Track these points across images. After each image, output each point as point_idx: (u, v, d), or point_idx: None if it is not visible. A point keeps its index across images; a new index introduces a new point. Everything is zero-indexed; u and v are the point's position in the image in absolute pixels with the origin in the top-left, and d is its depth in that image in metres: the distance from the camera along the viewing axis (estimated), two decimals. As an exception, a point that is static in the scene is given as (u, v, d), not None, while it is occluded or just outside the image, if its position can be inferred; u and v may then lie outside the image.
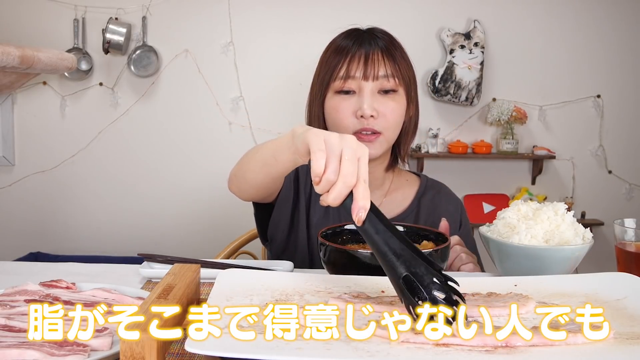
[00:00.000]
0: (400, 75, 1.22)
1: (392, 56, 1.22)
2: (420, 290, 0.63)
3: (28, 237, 3.20)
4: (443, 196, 1.36)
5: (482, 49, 3.17)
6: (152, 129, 3.21)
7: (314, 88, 1.27)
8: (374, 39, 1.23)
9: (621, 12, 3.28)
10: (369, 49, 1.20)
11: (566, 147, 3.34)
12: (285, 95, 3.14)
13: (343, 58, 1.21)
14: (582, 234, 0.93)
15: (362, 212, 0.66)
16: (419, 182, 1.37)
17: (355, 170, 0.68)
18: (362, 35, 1.24)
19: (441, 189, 1.38)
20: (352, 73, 1.19)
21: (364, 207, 0.66)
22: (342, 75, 1.20)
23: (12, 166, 3.19)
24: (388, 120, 1.21)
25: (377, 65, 1.20)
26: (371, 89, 1.20)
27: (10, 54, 2.21)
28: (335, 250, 0.87)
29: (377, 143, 1.21)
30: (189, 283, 0.68)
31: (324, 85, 1.23)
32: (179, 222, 3.22)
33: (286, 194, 1.25)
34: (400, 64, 1.22)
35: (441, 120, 3.26)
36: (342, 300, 0.70)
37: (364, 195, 0.67)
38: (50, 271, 1.02)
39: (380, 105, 1.20)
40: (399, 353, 0.56)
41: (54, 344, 0.65)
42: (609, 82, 3.32)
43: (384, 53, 1.21)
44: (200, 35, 3.16)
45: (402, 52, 1.25)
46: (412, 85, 1.26)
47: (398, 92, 1.22)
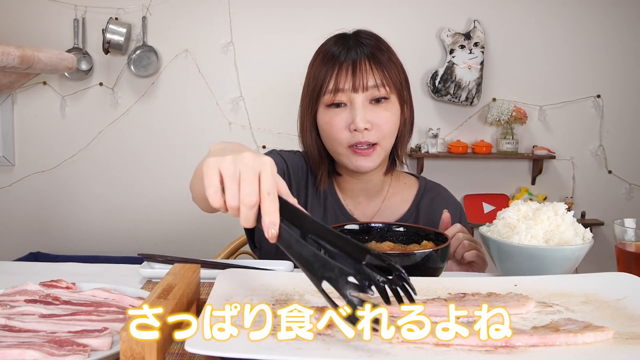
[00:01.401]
0: (390, 82, 1.19)
1: (380, 63, 1.18)
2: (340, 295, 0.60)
3: (28, 237, 3.20)
4: (442, 199, 1.35)
5: (482, 49, 3.17)
6: (152, 129, 3.21)
7: (304, 101, 1.25)
8: (360, 46, 1.19)
9: (621, 12, 3.28)
10: (356, 58, 1.17)
11: (566, 147, 3.34)
12: (285, 95, 3.14)
13: (330, 70, 1.18)
14: (582, 234, 0.93)
15: (272, 228, 0.63)
16: (417, 185, 1.36)
17: (254, 189, 0.65)
18: (348, 42, 1.21)
19: (440, 191, 1.37)
20: (341, 86, 1.17)
21: (272, 222, 0.64)
22: (331, 89, 1.17)
23: (12, 166, 3.19)
24: (383, 130, 1.18)
25: (365, 76, 1.16)
26: (362, 100, 1.17)
27: (10, 54, 2.21)
28: None
29: (374, 155, 1.19)
30: (189, 283, 0.68)
31: (313, 99, 1.21)
32: (179, 222, 3.22)
33: None
34: (388, 70, 1.19)
35: (441, 120, 3.26)
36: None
37: (269, 210, 0.64)
38: (50, 271, 1.02)
39: (373, 116, 1.17)
40: (399, 353, 0.56)
41: (54, 344, 0.65)
42: (609, 82, 3.32)
43: (371, 61, 1.18)
44: (200, 35, 3.16)
45: (389, 55, 1.21)
46: (403, 88, 1.23)
47: (390, 99, 1.20)
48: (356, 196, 1.31)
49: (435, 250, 0.86)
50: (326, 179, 1.29)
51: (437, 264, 0.87)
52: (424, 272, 0.85)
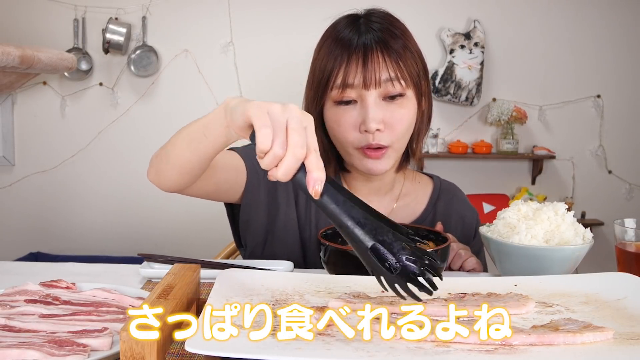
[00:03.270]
0: (406, 74, 1.05)
1: (394, 52, 1.04)
2: (391, 258, 0.60)
3: (28, 237, 3.20)
4: (459, 202, 1.26)
5: (482, 49, 3.17)
6: (152, 129, 3.21)
7: (309, 93, 1.12)
8: (371, 31, 1.06)
9: (621, 12, 3.28)
10: (367, 46, 1.04)
11: (566, 147, 3.34)
12: (285, 95, 3.13)
13: (339, 62, 1.05)
14: (582, 234, 0.93)
15: (319, 184, 0.61)
16: (432, 185, 1.27)
17: (303, 140, 0.61)
18: (359, 26, 1.07)
19: (456, 193, 1.28)
20: (350, 80, 1.04)
21: (320, 179, 0.61)
22: (339, 84, 1.04)
23: (12, 166, 3.19)
24: (396, 130, 1.06)
25: (377, 68, 1.03)
26: (374, 98, 1.04)
27: (10, 54, 2.21)
28: (335, 250, 0.87)
29: (385, 158, 1.08)
30: (189, 283, 0.68)
31: (319, 93, 1.08)
32: (179, 222, 3.22)
33: (254, 197, 1.14)
34: (404, 60, 1.05)
35: (441, 120, 3.26)
36: (342, 301, 0.70)
37: (317, 165, 0.61)
38: (50, 271, 1.02)
39: (386, 115, 1.05)
40: (399, 353, 0.56)
41: (54, 344, 0.65)
42: (609, 82, 3.32)
43: (384, 50, 1.04)
44: (200, 35, 3.17)
45: (404, 42, 1.07)
46: (421, 79, 1.09)
47: (406, 95, 1.06)
48: (366, 195, 1.19)
49: (436, 250, 0.87)
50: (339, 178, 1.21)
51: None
52: None
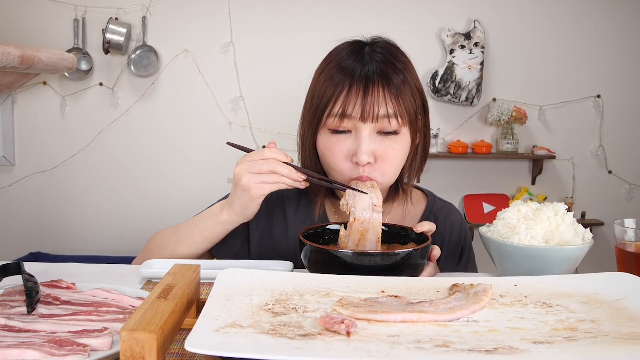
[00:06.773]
0: (403, 112, 1.06)
1: (394, 87, 1.05)
2: None
3: (28, 237, 3.20)
4: (448, 224, 1.22)
5: (482, 49, 3.17)
6: (152, 129, 3.21)
7: (306, 117, 1.12)
8: (374, 62, 1.06)
9: (621, 12, 3.28)
10: (369, 78, 1.04)
11: (566, 147, 3.34)
12: (285, 95, 3.14)
13: (339, 90, 1.05)
14: (582, 234, 0.93)
15: None
16: (425, 204, 1.24)
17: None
18: (363, 55, 1.08)
19: (449, 212, 1.24)
20: (349, 111, 1.04)
21: None
22: (337, 112, 1.04)
23: (12, 166, 3.19)
24: (386, 164, 1.07)
25: (377, 103, 1.03)
26: (369, 130, 1.04)
27: (10, 54, 2.21)
28: (316, 250, 0.88)
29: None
30: (189, 283, 0.68)
31: (316, 117, 1.08)
32: (179, 222, 3.21)
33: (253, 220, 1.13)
34: (403, 97, 1.06)
35: (441, 120, 3.26)
36: (364, 311, 0.68)
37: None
38: (50, 271, 1.01)
39: (378, 148, 1.05)
40: (399, 353, 0.56)
41: (54, 344, 0.65)
42: (609, 82, 3.32)
43: (385, 85, 1.05)
44: (200, 35, 3.17)
45: (405, 76, 1.08)
46: (418, 115, 1.10)
47: (400, 132, 1.07)
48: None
49: (416, 249, 0.88)
50: (323, 206, 1.20)
51: (417, 261, 0.90)
52: (407, 270, 0.88)
